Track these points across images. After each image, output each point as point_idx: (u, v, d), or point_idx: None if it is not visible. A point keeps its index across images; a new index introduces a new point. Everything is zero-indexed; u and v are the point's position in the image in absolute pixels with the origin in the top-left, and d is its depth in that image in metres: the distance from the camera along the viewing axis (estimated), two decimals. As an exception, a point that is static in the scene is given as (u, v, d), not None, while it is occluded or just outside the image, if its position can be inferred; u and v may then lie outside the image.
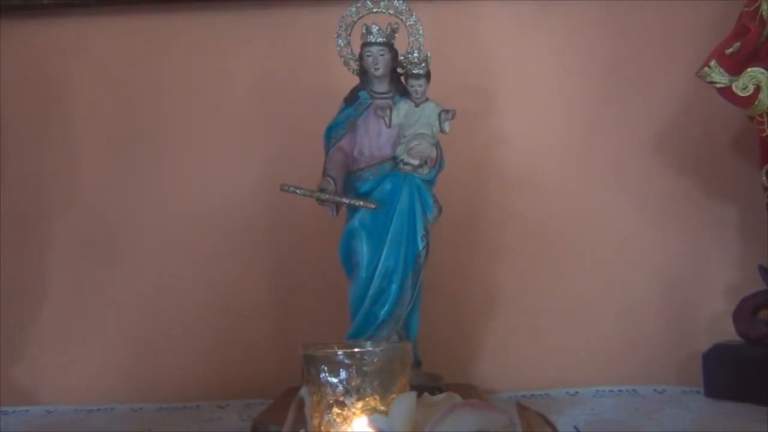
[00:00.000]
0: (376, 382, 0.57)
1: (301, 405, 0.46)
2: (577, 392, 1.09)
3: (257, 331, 1.16)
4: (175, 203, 1.20)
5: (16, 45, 1.21)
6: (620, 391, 1.09)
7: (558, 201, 1.18)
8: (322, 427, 0.58)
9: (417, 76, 0.93)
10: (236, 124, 1.20)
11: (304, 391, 0.47)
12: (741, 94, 0.97)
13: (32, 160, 1.21)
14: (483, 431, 0.36)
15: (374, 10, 0.96)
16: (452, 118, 0.93)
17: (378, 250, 0.92)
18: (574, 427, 0.46)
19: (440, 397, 0.43)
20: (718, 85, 0.98)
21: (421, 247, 0.93)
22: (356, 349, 0.61)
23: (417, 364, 0.95)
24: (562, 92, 1.19)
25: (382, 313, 0.92)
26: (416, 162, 0.92)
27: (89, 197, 1.21)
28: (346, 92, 0.97)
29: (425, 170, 0.93)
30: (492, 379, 1.13)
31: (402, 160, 0.93)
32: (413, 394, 0.44)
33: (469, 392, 0.98)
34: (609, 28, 1.19)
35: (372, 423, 0.43)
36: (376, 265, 0.92)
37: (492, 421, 0.38)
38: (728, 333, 1.08)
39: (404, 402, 0.41)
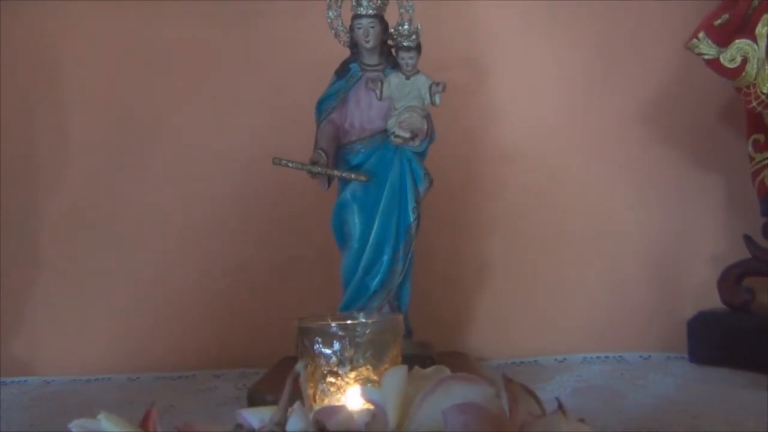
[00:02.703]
0: (368, 353, 0.59)
1: (296, 378, 0.48)
2: (565, 359, 1.12)
3: (252, 302, 1.18)
4: (168, 177, 1.20)
5: (4, 26, 1.20)
6: (607, 357, 1.12)
7: (548, 173, 1.19)
8: (317, 397, 0.60)
9: (407, 49, 0.93)
10: (227, 99, 1.21)
11: (299, 366, 0.49)
12: (728, 66, 0.98)
13: (25, 138, 1.21)
14: (470, 402, 0.38)
15: (365, -19, 0.96)
16: (443, 90, 0.93)
17: (370, 222, 0.93)
18: (556, 398, 0.47)
19: (430, 370, 0.45)
20: (706, 57, 0.99)
21: (412, 219, 0.94)
22: (349, 321, 0.63)
23: (408, 333, 0.96)
24: (552, 65, 1.20)
25: (374, 284, 0.94)
26: (407, 134, 0.93)
27: (83, 173, 1.21)
28: (337, 65, 0.97)
29: (416, 142, 0.93)
30: (482, 347, 1.15)
31: (393, 133, 0.93)
32: (404, 367, 0.46)
33: (459, 360, 1.00)
34: (599, 1, 1.18)
35: (364, 395, 0.44)
36: (368, 237, 0.93)
37: (479, 393, 0.39)
38: (713, 301, 1.10)
39: (395, 375, 0.43)
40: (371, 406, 0.43)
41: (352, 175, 0.93)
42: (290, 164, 0.91)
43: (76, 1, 1.21)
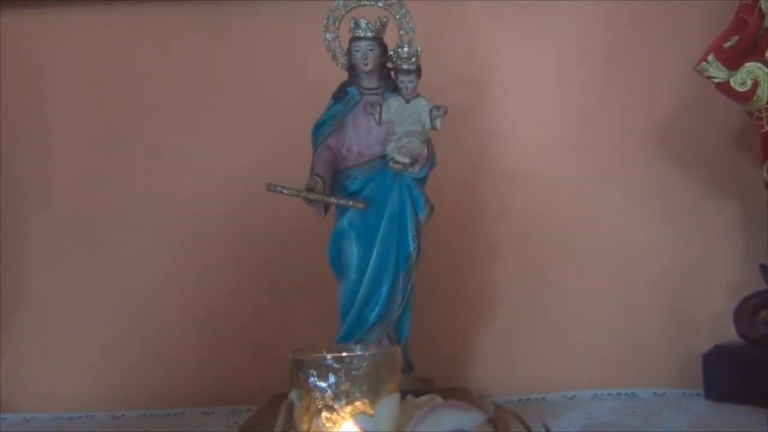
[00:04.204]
0: (365, 387, 0.61)
1: (291, 409, 0.49)
2: (574, 396, 1.12)
3: (243, 336, 1.19)
4: (157, 204, 1.23)
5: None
6: (619, 394, 1.12)
7: (555, 198, 1.21)
8: (312, 432, 0.61)
9: (407, 72, 0.95)
10: (221, 121, 1.23)
11: (294, 395, 0.51)
12: (739, 90, 1.00)
13: (7, 155, 1.23)
14: (462, 430, 0.40)
15: (363, 3, 0.99)
16: (444, 114, 0.95)
17: (368, 251, 0.95)
18: (543, 423, 0.49)
19: (423, 398, 0.47)
20: (716, 80, 1.01)
21: (412, 248, 0.96)
22: (345, 354, 0.64)
23: (409, 367, 0.97)
24: (558, 86, 1.22)
25: (373, 315, 0.95)
26: (407, 160, 0.94)
27: (67, 197, 1.23)
28: (335, 88, 0.99)
29: (416, 168, 0.95)
30: (487, 382, 1.16)
31: (392, 159, 0.95)
32: (397, 395, 0.48)
33: (462, 396, 1.01)
34: (607, 19, 1.22)
35: (357, 423, 0.47)
36: (366, 267, 0.95)
37: (470, 421, 0.41)
38: (730, 333, 1.11)
39: (389, 403, 0.45)
40: (365, 437, 0.45)
41: (350, 202, 0.94)
42: (285, 191, 0.93)
43: (63, 10, 1.24)
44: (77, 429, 1.06)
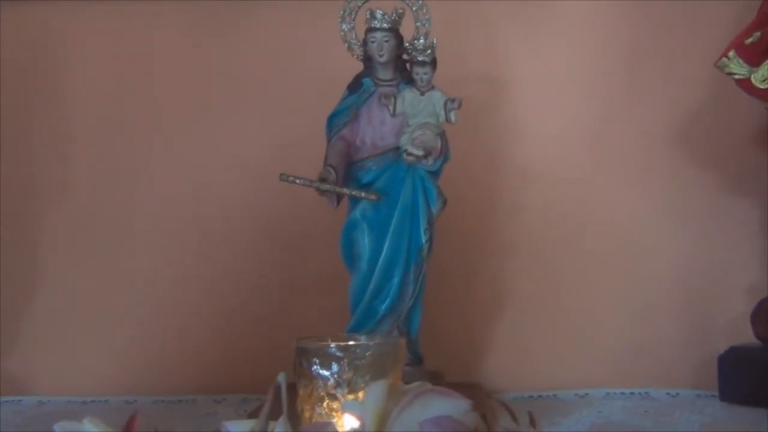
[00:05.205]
0: (368, 376, 0.61)
1: (278, 390, 0.50)
2: (586, 394, 1.12)
3: (255, 325, 1.20)
4: (171, 195, 1.24)
5: (6, 31, 1.26)
6: (632, 393, 1.12)
7: (571, 195, 1.20)
8: (313, 420, 0.62)
9: (422, 64, 0.96)
10: (234, 112, 1.24)
11: (281, 377, 0.51)
12: (760, 86, 0.99)
13: (25, 149, 1.27)
14: (446, 416, 0.41)
15: (379, -7, 1.00)
16: (458, 107, 0.95)
17: (380, 242, 0.96)
18: (528, 412, 0.50)
19: (412, 384, 0.47)
20: (736, 77, 1.01)
21: (423, 241, 0.96)
22: (349, 343, 0.65)
23: (418, 361, 0.98)
24: (577, 82, 1.22)
25: (383, 307, 0.96)
26: (420, 152, 0.95)
27: (84, 186, 1.26)
28: (349, 79, 1.00)
29: (430, 161, 0.95)
30: (498, 378, 1.16)
31: (405, 150, 0.95)
32: (386, 381, 0.49)
33: (473, 392, 1.01)
34: (627, 15, 1.21)
35: (345, 408, 0.47)
36: (378, 259, 0.95)
37: (456, 407, 0.42)
38: (747, 335, 1.10)
39: (377, 388, 0.46)
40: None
41: (363, 194, 0.95)
42: (298, 181, 0.94)
43: (79, 5, 1.26)
44: (90, 413, 1.07)
